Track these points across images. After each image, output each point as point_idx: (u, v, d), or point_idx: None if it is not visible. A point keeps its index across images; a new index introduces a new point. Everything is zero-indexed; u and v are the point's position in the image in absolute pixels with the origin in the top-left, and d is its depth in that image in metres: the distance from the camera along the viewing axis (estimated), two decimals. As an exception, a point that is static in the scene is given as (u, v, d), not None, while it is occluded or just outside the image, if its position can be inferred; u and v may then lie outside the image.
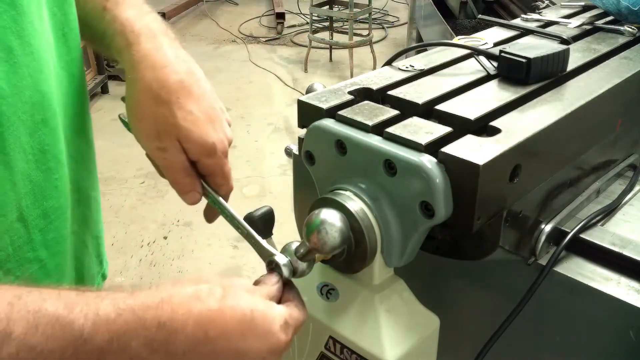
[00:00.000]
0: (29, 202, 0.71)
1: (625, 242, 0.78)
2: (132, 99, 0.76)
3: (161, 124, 0.75)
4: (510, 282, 0.81)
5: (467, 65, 0.89)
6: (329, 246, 0.64)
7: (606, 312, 0.73)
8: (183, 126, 0.75)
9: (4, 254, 0.69)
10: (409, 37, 4.70)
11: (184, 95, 0.76)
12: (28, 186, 0.70)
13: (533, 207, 0.77)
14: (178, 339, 0.55)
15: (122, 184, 3.49)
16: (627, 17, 1.07)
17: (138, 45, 0.77)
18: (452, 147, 0.64)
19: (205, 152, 0.76)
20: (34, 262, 0.73)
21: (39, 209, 0.73)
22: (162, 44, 0.78)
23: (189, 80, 0.77)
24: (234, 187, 0.81)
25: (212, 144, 0.76)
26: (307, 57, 5.23)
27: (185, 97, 0.76)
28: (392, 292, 0.74)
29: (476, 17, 3.21)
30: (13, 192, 0.68)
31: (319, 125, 0.73)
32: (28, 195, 0.71)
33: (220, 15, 6.91)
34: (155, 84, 0.75)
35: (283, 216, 1.05)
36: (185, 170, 0.77)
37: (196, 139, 0.75)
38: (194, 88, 0.77)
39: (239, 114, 4.46)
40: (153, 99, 0.75)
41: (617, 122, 0.89)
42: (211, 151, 0.76)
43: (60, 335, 0.52)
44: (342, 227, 0.65)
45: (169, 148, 0.75)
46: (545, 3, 1.27)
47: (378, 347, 0.69)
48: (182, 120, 0.75)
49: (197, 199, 0.78)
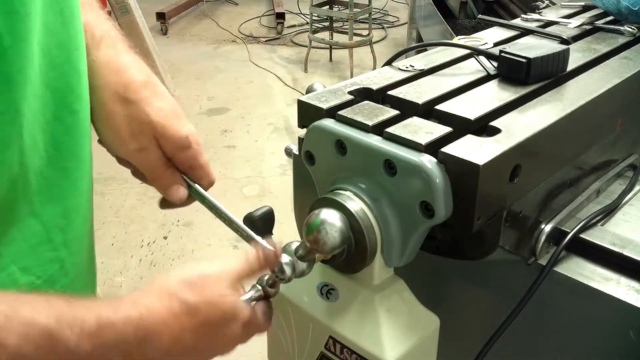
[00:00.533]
0: (43, 199, 0.71)
1: (625, 242, 0.78)
2: (100, 106, 0.77)
3: (135, 124, 0.76)
4: (510, 282, 0.81)
5: (467, 65, 0.89)
6: (329, 246, 0.64)
7: (606, 312, 0.73)
8: (157, 122, 0.76)
9: (17, 250, 0.69)
10: (409, 37, 4.70)
11: (151, 93, 0.78)
12: (41, 183, 0.71)
13: (533, 207, 0.77)
14: (154, 351, 0.60)
15: (122, 184, 3.49)
16: (627, 17, 1.07)
17: (99, 51, 0.78)
18: (452, 147, 0.65)
19: (180, 145, 0.78)
20: (55, 262, 0.73)
21: (57, 207, 0.73)
22: (122, 51, 0.80)
23: (151, 80, 0.79)
24: (215, 178, 0.83)
25: (186, 136, 0.78)
26: (307, 57, 5.23)
27: (152, 95, 0.78)
28: (392, 292, 0.74)
29: (476, 17, 3.21)
30: (25, 188, 0.68)
31: (319, 125, 0.73)
32: (42, 192, 0.71)
33: (220, 15, 6.90)
34: (121, 87, 0.76)
35: (283, 216, 1.05)
36: (165, 164, 0.78)
37: (172, 134, 0.77)
38: (157, 87, 0.79)
39: (239, 114, 4.46)
40: (122, 102, 0.76)
41: (617, 122, 0.89)
42: (185, 144, 0.78)
43: (49, 346, 0.55)
44: (342, 227, 0.65)
45: (148, 146, 0.77)
46: (545, 3, 1.27)
47: (378, 347, 0.69)
48: (155, 116, 0.76)
49: (183, 193, 0.79)
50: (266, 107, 4.58)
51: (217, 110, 4.54)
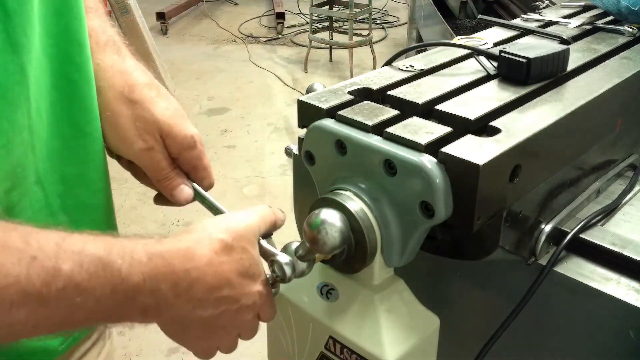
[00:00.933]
0: (46, 166, 0.72)
1: (625, 242, 0.78)
2: (106, 107, 0.78)
3: (141, 123, 0.77)
4: (510, 282, 0.81)
5: (467, 65, 0.89)
6: (329, 246, 0.64)
7: (606, 312, 0.73)
8: (164, 121, 0.77)
9: (24, 217, 0.70)
10: (409, 37, 4.70)
11: (156, 94, 0.79)
12: (45, 151, 0.72)
13: (533, 207, 0.77)
14: (198, 286, 0.60)
15: (122, 184, 3.47)
16: (627, 17, 1.07)
17: (103, 55, 0.79)
18: (452, 147, 0.64)
19: (186, 145, 0.79)
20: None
21: (56, 174, 0.74)
22: (126, 55, 0.82)
23: (155, 82, 0.81)
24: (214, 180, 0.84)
25: (191, 136, 0.79)
26: (307, 57, 5.23)
27: (157, 96, 0.79)
28: (392, 292, 0.74)
29: (476, 17, 3.21)
30: (32, 155, 0.70)
31: (319, 125, 0.73)
32: (46, 159, 0.72)
33: (220, 15, 6.90)
34: (126, 88, 0.78)
35: (283, 216, 1.05)
36: (171, 165, 0.79)
37: (178, 133, 0.78)
38: (160, 89, 0.81)
39: (239, 114, 4.46)
40: (127, 103, 0.77)
41: (617, 122, 0.88)
42: (191, 143, 0.79)
43: (102, 274, 0.55)
44: (342, 227, 0.65)
45: (155, 146, 0.78)
46: (545, 3, 1.27)
47: (378, 347, 0.69)
48: (161, 115, 0.77)
49: (188, 194, 0.80)
50: (266, 107, 4.58)
51: (217, 110, 4.54)
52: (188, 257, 0.61)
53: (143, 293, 0.58)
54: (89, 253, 0.55)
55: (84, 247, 0.56)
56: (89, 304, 0.55)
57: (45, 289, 0.52)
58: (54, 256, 0.53)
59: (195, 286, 0.60)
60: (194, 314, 0.62)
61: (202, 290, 0.61)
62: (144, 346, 2.42)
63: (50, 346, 0.76)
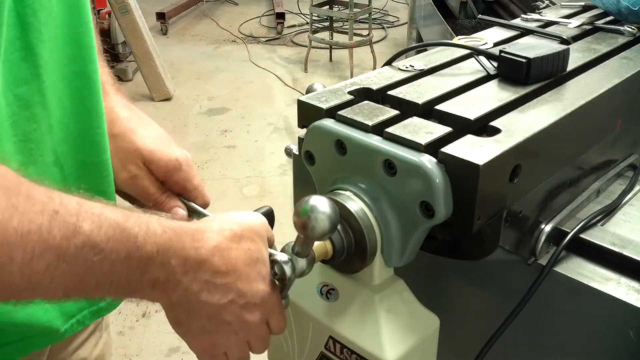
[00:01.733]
0: (65, 149, 0.75)
1: (625, 242, 0.78)
2: None
3: (123, 155, 0.81)
4: (510, 282, 0.80)
5: (467, 65, 0.89)
6: (319, 231, 0.63)
7: (606, 312, 0.73)
8: (144, 148, 0.81)
9: None
10: (409, 37, 4.70)
11: (136, 124, 0.83)
12: (62, 133, 0.74)
13: (533, 207, 0.77)
14: (205, 267, 0.61)
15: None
16: (627, 17, 1.07)
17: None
18: (452, 147, 0.64)
19: (171, 167, 0.82)
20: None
21: (73, 158, 0.76)
22: (109, 94, 0.84)
23: (136, 114, 0.84)
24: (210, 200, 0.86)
25: (175, 159, 0.82)
26: (307, 57, 5.23)
27: (137, 126, 0.83)
28: (392, 292, 0.74)
29: (476, 17, 3.21)
30: (49, 135, 0.71)
31: (319, 125, 0.73)
32: (63, 142, 0.74)
33: (220, 15, 6.90)
34: (108, 124, 0.80)
35: (283, 216, 1.05)
36: (159, 189, 0.82)
37: (160, 157, 0.81)
38: (142, 118, 0.84)
39: (239, 114, 4.46)
40: (109, 138, 0.80)
41: (617, 122, 0.89)
42: (176, 166, 0.82)
43: (119, 239, 0.56)
44: (330, 212, 0.64)
45: (138, 173, 0.81)
46: (545, 3, 1.27)
47: (378, 347, 0.69)
48: (142, 144, 0.81)
49: (182, 216, 0.84)
50: (266, 107, 4.57)
51: (217, 110, 4.54)
52: (197, 237, 0.62)
53: (155, 264, 0.59)
54: (108, 217, 0.56)
55: (103, 211, 0.57)
56: (103, 268, 0.56)
57: (65, 243, 0.53)
58: (75, 214, 0.54)
59: (203, 267, 0.61)
60: (200, 298, 0.62)
61: (209, 272, 0.62)
62: (144, 346, 2.42)
63: (53, 326, 0.77)
